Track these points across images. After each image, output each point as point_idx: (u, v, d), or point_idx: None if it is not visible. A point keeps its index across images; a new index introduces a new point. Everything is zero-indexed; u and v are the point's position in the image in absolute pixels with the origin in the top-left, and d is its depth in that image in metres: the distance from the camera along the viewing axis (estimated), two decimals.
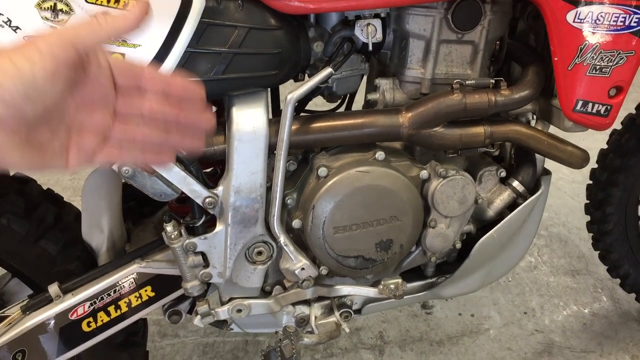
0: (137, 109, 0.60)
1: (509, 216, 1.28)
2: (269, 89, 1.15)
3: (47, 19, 0.89)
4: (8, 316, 1.17)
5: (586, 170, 1.81)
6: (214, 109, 1.25)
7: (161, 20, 0.93)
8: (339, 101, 1.32)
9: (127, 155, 0.61)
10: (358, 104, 1.33)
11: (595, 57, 1.09)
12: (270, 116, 1.12)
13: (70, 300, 1.14)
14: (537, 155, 1.29)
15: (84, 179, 1.18)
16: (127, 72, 0.59)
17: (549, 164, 1.30)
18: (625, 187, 1.68)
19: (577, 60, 1.10)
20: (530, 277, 2.19)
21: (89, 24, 0.56)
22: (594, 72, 1.11)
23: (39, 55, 0.51)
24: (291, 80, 1.16)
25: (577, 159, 1.23)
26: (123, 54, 0.93)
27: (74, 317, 1.14)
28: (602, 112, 1.15)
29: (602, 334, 1.95)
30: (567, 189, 2.68)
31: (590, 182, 1.80)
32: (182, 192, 1.07)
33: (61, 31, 0.54)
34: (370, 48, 1.11)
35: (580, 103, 1.13)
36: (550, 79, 1.21)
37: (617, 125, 1.63)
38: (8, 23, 0.88)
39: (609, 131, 1.70)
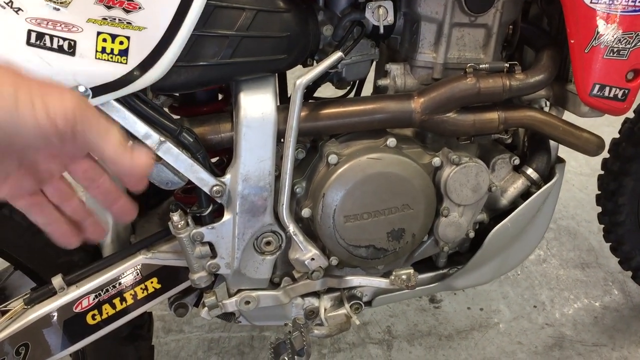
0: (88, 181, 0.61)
1: (523, 204, 1.25)
2: (276, 75, 1.12)
3: (50, 0, 0.86)
4: (10, 310, 1.14)
5: (594, 163, 1.78)
6: (220, 96, 1.22)
7: (167, 1, 0.90)
8: (348, 88, 1.29)
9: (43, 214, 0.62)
10: (366, 92, 1.31)
11: (612, 39, 1.06)
12: (278, 103, 1.09)
13: (74, 293, 1.10)
14: (551, 143, 1.26)
15: None
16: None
17: None
18: (638, 177, 1.65)
19: (594, 42, 1.07)
20: (539, 271, 2.16)
21: (105, 130, 0.55)
22: (611, 54, 1.08)
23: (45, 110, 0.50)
24: (297, 69, 1.13)
25: (592, 145, 1.20)
26: (128, 37, 0.90)
27: (78, 310, 1.11)
28: (619, 96, 1.12)
29: (613, 327, 1.92)
30: (575, 181, 2.65)
31: (602, 172, 1.77)
32: (189, 181, 1.04)
33: (84, 106, 0.53)
34: (382, 31, 1.08)
35: (597, 87, 1.10)
36: (565, 63, 1.18)
37: (630, 113, 1.60)
38: (9, 4, 0.85)
39: (618, 123, 1.67)
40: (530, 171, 1.26)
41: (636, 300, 2.02)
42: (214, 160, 1.23)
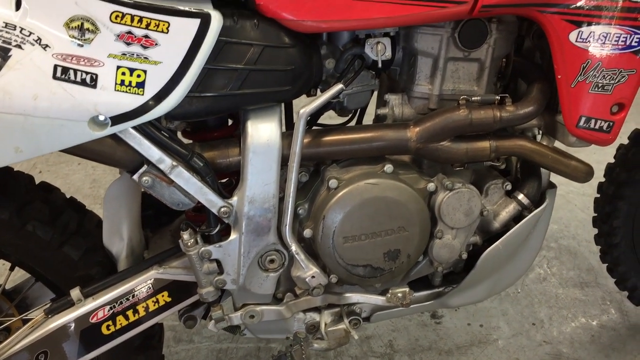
0: None
1: (514, 228, 1.32)
2: (282, 104, 1.20)
3: (74, 37, 0.94)
4: (31, 319, 1.22)
5: (596, 184, 1.83)
6: (230, 121, 1.30)
7: (181, 38, 0.98)
8: (350, 115, 1.37)
9: None
10: (369, 116, 1.38)
11: (597, 75, 1.13)
12: (284, 129, 1.16)
13: (91, 304, 1.18)
14: (543, 169, 1.33)
15: (104, 187, 1.23)
16: None
17: (561, 177, 1.33)
18: (632, 201, 1.70)
19: (580, 78, 1.13)
20: (539, 289, 2.21)
21: None
22: (596, 89, 1.14)
23: None
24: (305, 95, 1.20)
25: (580, 173, 1.26)
26: (145, 71, 0.98)
27: (94, 321, 1.19)
28: (604, 128, 1.18)
29: (610, 346, 1.96)
30: (577, 201, 2.69)
31: (598, 195, 1.82)
32: (199, 202, 1.12)
33: None
34: (380, 65, 1.15)
35: (583, 119, 1.17)
36: (555, 95, 1.25)
37: (624, 139, 1.66)
38: (38, 41, 0.93)
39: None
40: (521, 197, 1.33)
41: (633, 320, 2.06)
42: (223, 181, 1.31)
